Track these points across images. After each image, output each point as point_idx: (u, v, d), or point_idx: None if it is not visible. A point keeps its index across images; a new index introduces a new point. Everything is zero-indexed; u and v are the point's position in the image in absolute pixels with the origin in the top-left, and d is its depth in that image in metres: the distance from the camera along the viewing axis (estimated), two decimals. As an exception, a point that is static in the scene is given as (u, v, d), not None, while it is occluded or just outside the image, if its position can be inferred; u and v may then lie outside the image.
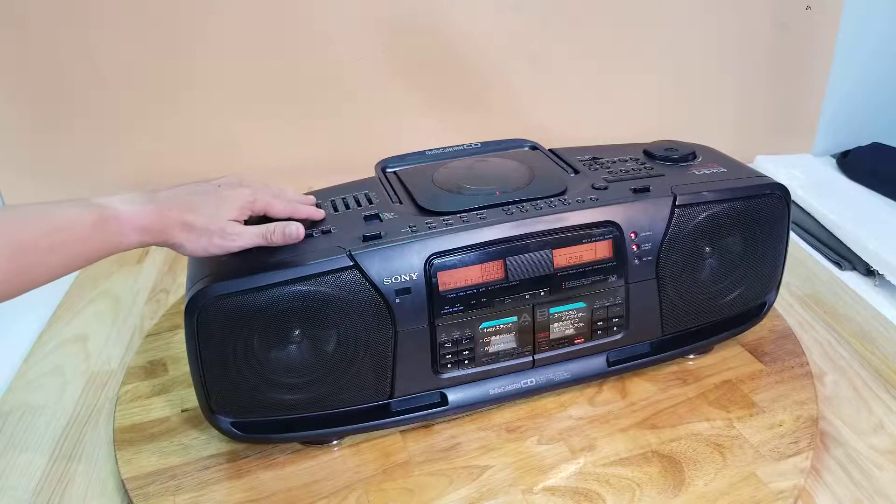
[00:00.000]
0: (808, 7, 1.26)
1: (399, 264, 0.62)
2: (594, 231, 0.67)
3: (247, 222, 0.63)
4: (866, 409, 0.73)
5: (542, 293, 0.67)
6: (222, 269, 0.61)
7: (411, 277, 0.63)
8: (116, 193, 0.58)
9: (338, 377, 0.64)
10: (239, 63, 1.17)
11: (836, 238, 1.07)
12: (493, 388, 0.71)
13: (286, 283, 0.60)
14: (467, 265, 0.64)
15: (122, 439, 0.70)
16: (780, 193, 0.73)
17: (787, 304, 0.91)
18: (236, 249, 0.61)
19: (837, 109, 1.34)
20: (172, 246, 0.59)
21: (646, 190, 0.70)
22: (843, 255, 1.03)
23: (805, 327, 0.87)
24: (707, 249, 0.72)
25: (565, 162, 0.79)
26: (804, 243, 1.08)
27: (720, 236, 0.71)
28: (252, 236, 0.61)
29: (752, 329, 0.80)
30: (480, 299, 0.66)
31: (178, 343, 0.85)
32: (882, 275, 0.96)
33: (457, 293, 0.65)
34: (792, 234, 1.08)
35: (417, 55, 1.22)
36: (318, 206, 0.69)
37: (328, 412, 0.66)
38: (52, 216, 0.53)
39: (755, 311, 0.79)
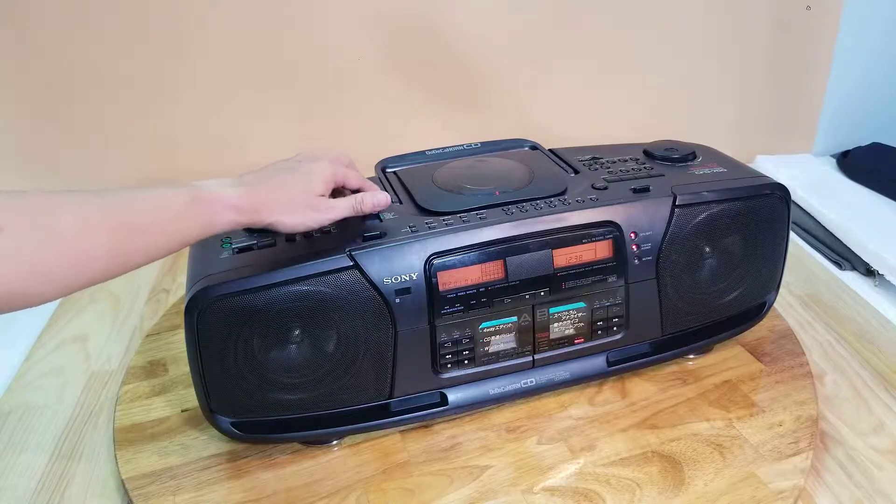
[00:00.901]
0: (808, 7, 1.26)
1: (399, 264, 0.62)
2: (594, 231, 0.67)
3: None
4: (866, 409, 0.73)
5: (542, 293, 0.67)
6: (222, 268, 0.61)
7: (411, 277, 0.63)
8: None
9: (338, 377, 0.64)
10: (239, 63, 1.17)
11: (836, 238, 1.07)
12: (493, 388, 0.71)
13: (286, 283, 0.60)
14: (467, 265, 0.64)
15: (122, 439, 0.70)
16: (780, 193, 0.73)
17: (787, 304, 0.91)
18: (329, 222, 0.62)
19: (837, 109, 1.34)
20: (269, 225, 0.59)
21: (646, 190, 0.70)
22: (843, 255, 1.03)
23: (805, 327, 0.87)
24: (707, 249, 0.72)
25: (565, 162, 0.79)
26: (804, 243, 1.08)
27: (720, 236, 0.71)
28: (343, 209, 0.63)
29: (752, 329, 0.80)
30: (480, 299, 0.66)
31: (178, 343, 0.85)
32: (882, 275, 0.96)
33: (457, 293, 0.65)
34: (792, 234, 1.08)
35: (417, 55, 1.22)
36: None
37: (328, 412, 0.66)
38: (146, 196, 0.53)
39: (755, 311, 0.79)
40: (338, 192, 0.67)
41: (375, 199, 0.64)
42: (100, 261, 0.50)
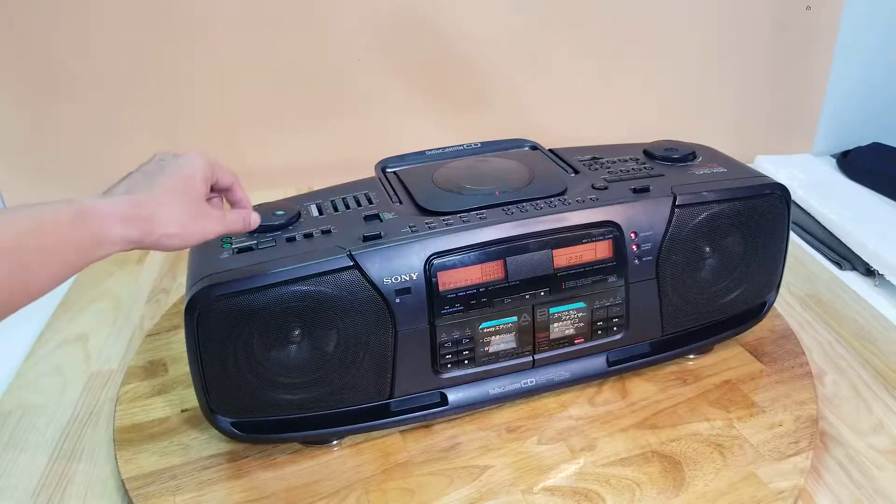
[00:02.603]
0: (808, 7, 1.26)
1: (399, 264, 0.62)
2: (594, 231, 0.67)
3: None
4: (866, 409, 0.73)
5: (542, 293, 0.67)
6: (223, 268, 0.61)
7: (411, 277, 0.63)
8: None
9: (338, 377, 0.64)
10: (239, 63, 1.17)
11: (836, 238, 1.07)
12: (493, 388, 0.71)
13: (286, 282, 0.60)
14: (467, 265, 0.64)
15: (122, 439, 0.70)
16: (780, 193, 0.73)
17: (787, 304, 0.91)
18: (214, 236, 0.55)
19: (837, 109, 1.34)
20: (159, 239, 0.51)
21: (646, 190, 0.70)
22: (843, 255, 1.03)
23: (805, 327, 0.87)
24: (707, 249, 0.72)
25: (565, 162, 0.79)
26: (804, 243, 1.08)
27: (720, 236, 0.71)
28: (233, 223, 0.58)
29: (752, 329, 0.80)
30: (480, 299, 0.66)
31: (178, 343, 0.85)
32: (882, 275, 0.96)
33: (457, 293, 0.65)
34: (792, 234, 1.08)
35: (418, 55, 1.22)
36: (318, 206, 0.69)
37: (328, 412, 0.66)
38: (28, 217, 0.46)
39: (755, 311, 0.79)
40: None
41: (256, 218, 0.60)
42: None
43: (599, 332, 0.71)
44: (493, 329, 0.68)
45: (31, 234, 0.45)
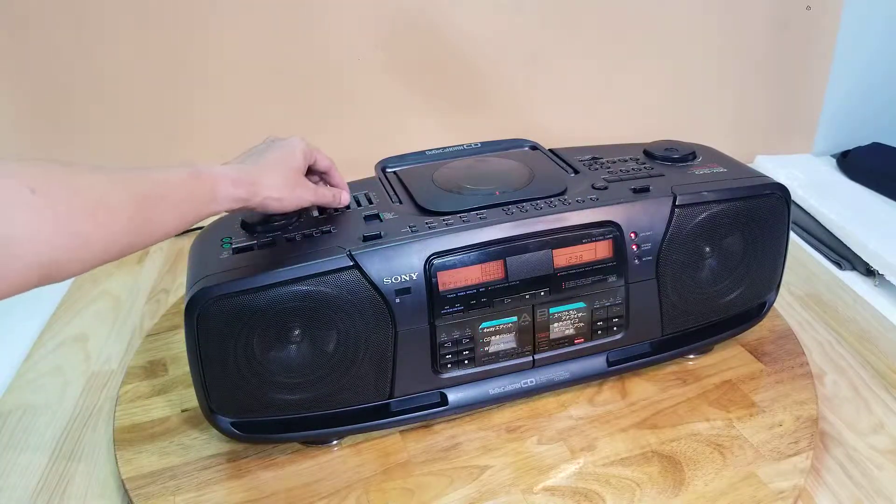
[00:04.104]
0: (808, 7, 1.26)
1: (399, 264, 0.62)
2: (594, 231, 0.67)
3: None
4: (866, 409, 0.73)
5: (542, 293, 0.67)
6: (223, 268, 0.61)
7: (411, 277, 0.63)
8: None
9: (338, 377, 0.64)
10: (239, 64, 1.17)
11: (836, 238, 1.07)
12: (493, 388, 0.71)
13: (286, 283, 0.60)
14: (467, 265, 0.64)
15: (122, 439, 0.70)
16: (780, 193, 0.73)
17: (787, 304, 0.91)
18: (309, 204, 0.65)
19: (837, 109, 1.34)
20: (263, 200, 0.60)
21: (646, 190, 0.70)
22: (843, 255, 1.03)
23: (805, 327, 0.87)
24: (707, 249, 0.72)
25: (565, 162, 0.79)
26: (804, 243, 1.08)
27: (720, 236, 0.71)
28: (325, 195, 0.67)
29: (752, 329, 0.80)
30: (480, 299, 0.66)
31: (178, 343, 0.85)
32: (882, 275, 0.96)
33: (457, 293, 0.65)
34: (792, 234, 1.08)
35: (417, 55, 1.22)
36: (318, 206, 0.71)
37: (328, 412, 0.66)
38: (152, 172, 0.53)
39: (755, 311, 0.79)
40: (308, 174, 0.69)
41: (346, 196, 0.70)
42: (126, 231, 0.50)
43: (599, 332, 0.71)
44: (493, 329, 0.68)
45: (156, 185, 0.53)
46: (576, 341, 0.71)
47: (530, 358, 0.71)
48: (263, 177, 0.61)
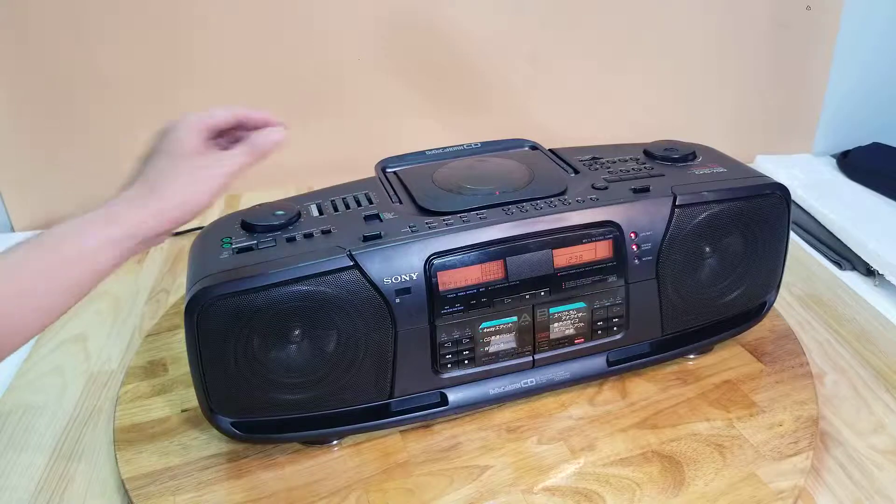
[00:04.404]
0: (808, 7, 1.26)
1: (399, 264, 0.62)
2: (594, 231, 0.67)
3: None
4: (866, 409, 0.73)
5: (542, 293, 0.67)
6: (222, 268, 0.61)
7: (411, 277, 0.63)
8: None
9: (338, 377, 0.64)
10: (239, 63, 1.17)
11: (836, 238, 1.07)
12: (493, 388, 0.71)
13: (286, 283, 0.60)
14: (467, 265, 0.64)
15: (122, 439, 0.70)
16: (780, 193, 0.73)
17: (787, 304, 0.91)
18: (225, 176, 0.57)
19: (837, 109, 1.34)
20: (173, 216, 0.56)
21: (646, 190, 0.70)
22: (843, 255, 1.03)
23: (805, 327, 0.87)
24: (707, 249, 0.72)
25: (565, 162, 0.79)
26: (804, 243, 1.08)
27: (720, 236, 0.71)
28: (236, 156, 0.58)
29: (752, 329, 0.80)
30: (480, 299, 0.66)
31: (178, 343, 0.85)
32: (882, 275, 0.96)
33: (457, 293, 0.65)
34: (792, 234, 1.08)
35: (417, 55, 1.22)
36: (318, 206, 0.70)
37: (328, 412, 0.66)
38: (53, 244, 0.51)
39: (755, 310, 0.79)
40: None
41: (270, 136, 0.58)
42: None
43: (599, 332, 0.71)
44: (493, 329, 0.68)
45: (60, 265, 0.51)
46: (576, 341, 0.71)
47: (530, 358, 0.71)
48: (159, 190, 0.55)
